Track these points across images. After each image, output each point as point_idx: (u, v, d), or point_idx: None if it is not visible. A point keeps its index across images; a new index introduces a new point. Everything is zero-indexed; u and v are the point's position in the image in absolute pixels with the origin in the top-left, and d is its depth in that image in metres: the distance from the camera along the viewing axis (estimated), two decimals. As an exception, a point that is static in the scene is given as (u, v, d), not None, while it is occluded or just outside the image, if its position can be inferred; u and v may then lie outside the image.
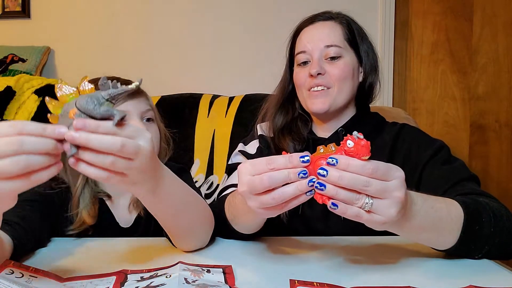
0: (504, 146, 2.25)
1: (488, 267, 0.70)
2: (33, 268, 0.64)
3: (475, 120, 2.28)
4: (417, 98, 2.32)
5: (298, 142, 1.01)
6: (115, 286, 0.60)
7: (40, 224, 0.82)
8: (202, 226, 0.79)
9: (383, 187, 0.56)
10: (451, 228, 0.68)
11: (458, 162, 0.92)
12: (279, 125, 1.04)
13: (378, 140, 0.99)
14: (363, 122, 1.02)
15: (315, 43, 0.98)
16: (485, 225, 0.70)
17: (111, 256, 0.78)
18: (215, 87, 2.07)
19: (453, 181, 0.85)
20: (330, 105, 0.97)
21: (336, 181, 0.55)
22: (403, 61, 2.31)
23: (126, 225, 0.97)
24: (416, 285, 0.60)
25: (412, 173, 0.92)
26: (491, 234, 0.70)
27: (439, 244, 0.71)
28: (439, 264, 0.71)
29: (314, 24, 1.01)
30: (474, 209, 0.71)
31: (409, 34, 2.30)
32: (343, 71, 0.97)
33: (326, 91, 0.97)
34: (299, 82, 1.01)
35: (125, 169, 0.53)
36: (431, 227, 0.66)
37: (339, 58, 0.97)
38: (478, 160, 2.26)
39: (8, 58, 2.21)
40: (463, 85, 2.28)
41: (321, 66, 0.96)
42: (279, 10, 2.22)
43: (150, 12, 2.34)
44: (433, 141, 0.97)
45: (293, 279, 0.62)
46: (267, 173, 0.56)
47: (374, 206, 0.56)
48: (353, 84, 1.00)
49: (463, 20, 2.26)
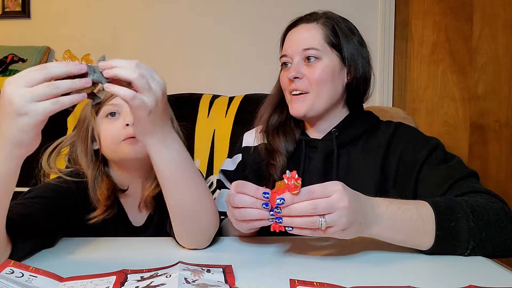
0: (504, 146, 2.25)
1: (488, 267, 0.70)
2: (33, 267, 0.64)
3: (475, 120, 2.28)
4: (417, 98, 2.32)
5: (290, 143, 1.02)
6: (115, 286, 0.60)
7: (46, 223, 0.81)
8: (205, 210, 0.79)
9: (328, 203, 0.64)
10: (425, 228, 0.72)
11: (454, 160, 0.91)
12: (273, 124, 1.05)
13: (372, 141, 0.99)
14: (356, 122, 1.02)
15: (294, 47, 0.97)
16: (461, 220, 0.72)
17: (111, 256, 0.78)
18: (215, 87, 2.07)
19: (451, 181, 0.85)
20: (307, 111, 0.96)
21: (289, 213, 0.65)
22: (403, 61, 2.31)
23: (138, 224, 0.97)
24: (416, 285, 0.60)
25: (409, 174, 0.92)
26: (472, 228, 0.72)
27: (419, 245, 0.74)
28: (439, 264, 0.71)
29: (297, 27, 1.00)
30: (446, 206, 0.74)
31: (409, 34, 2.30)
32: (321, 74, 0.95)
33: (304, 96, 0.96)
34: (282, 85, 1.02)
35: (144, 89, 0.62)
36: (402, 227, 0.71)
37: (317, 60, 0.95)
38: (477, 160, 2.26)
39: (8, 58, 2.21)
40: (463, 85, 2.28)
41: (298, 70, 0.96)
42: (279, 10, 2.22)
43: (150, 12, 2.34)
44: (428, 140, 0.96)
45: (293, 279, 0.62)
46: (239, 195, 0.69)
47: (328, 221, 0.64)
48: (334, 86, 0.97)
49: (463, 20, 2.26)
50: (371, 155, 0.97)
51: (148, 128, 0.68)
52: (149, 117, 0.65)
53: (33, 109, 0.56)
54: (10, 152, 0.59)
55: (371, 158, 0.96)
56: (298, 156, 1.01)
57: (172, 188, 0.75)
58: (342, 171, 0.97)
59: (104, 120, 0.91)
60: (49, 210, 0.83)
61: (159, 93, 0.65)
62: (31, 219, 0.77)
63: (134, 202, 0.98)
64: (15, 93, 0.55)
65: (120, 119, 0.90)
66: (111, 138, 0.90)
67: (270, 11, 2.24)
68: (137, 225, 0.98)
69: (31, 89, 0.56)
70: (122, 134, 0.88)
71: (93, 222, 0.91)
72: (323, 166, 0.97)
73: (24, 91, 0.55)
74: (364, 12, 2.24)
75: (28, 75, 0.57)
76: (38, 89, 0.56)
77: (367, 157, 0.97)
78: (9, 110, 0.56)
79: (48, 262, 0.72)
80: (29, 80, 0.56)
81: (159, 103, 0.65)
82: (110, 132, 0.90)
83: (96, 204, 0.92)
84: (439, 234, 0.72)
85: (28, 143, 0.59)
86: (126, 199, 0.97)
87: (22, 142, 0.59)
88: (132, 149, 0.88)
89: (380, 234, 0.72)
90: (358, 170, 0.96)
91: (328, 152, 0.98)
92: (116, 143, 0.89)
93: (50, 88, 0.56)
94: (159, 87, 0.65)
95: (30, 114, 0.56)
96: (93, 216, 0.91)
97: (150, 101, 0.63)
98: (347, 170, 0.97)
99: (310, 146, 1.01)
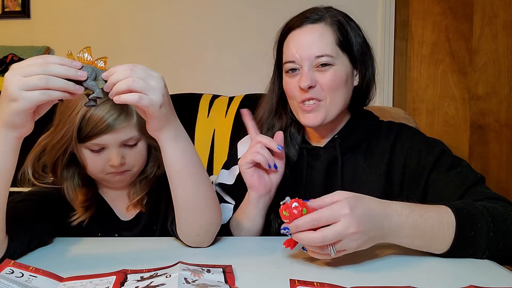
0: (504, 146, 2.25)
1: (488, 267, 0.70)
2: (33, 267, 0.64)
3: (475, 120, 2.28)
4: (417, 98, 2.32)
5: (292, 153, 0.97)
6: (115, 286, 0.60)
7: (36, 222, 0.81)
8: (209, 206, 0.79)
9: (335, 233, 0.64)
10: (444, 235, 0.71)
11: (462, 164, 0.89)
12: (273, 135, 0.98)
13: (375, 146, 0.95)
14: (359, 126, 0.97)
15: (304, 52, 0.89)
16: (481, 231, 0.71)
17: (111, 256, 0.78)
18: (215, 87, 2.07)
19: (464, 188, 0.83)
20: (323, 119, 0.90)
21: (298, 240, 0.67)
22: (403, 61, 2.31)
23: (126, 218, 0.97)
24: (416, 285, 0.60)
25: (416, 181, 0.89)
26: (491, 239, 0.71)
27: (433, 250, 0.73)
28: (439, 264, 0.71)
29: (303, 28, 0.91)
30: (468, 213, 0.72)
31: (409, 34, 2.30)
32: (335, 81, 0.89)
33: (318, 104, 0.90)
34: (290, 93, 0.93)
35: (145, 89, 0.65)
36: (422, 236, 0.70)
37: (330, 66, 0.89)
38: (478, 160, 2.26)
39: (8, 58, 2.21)
40: (463, 85, 2.28)
41: (311, 78, 0.88)
42: (279, 10, 2.21)
43: (150, 12, 2.34)
44: (433, 144, 0.92)
45: (293, 279, 0.62)
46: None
47: (337, 248, 0.65)
48: (346, 91, 0.92)
49: (463, 20, 2.26)
50: (375, 162, 0.93)
51: (162, 122, 0.70)
52: (160, 111, 0.67)
53: (22, 97, 0.61)
54: (5, 132, 0.64)
55: (375, 166, 0.93)
56: (299, 165, 0.97)
57: (182, 181, 0.76)
58: (347, 180, 0.93)
59: (86, 150, 0.87)
60: (37, 209, 0.84)
61: (161, 86, 0.67)
62: (21, 219, 0.77)
63: (120, 203, 0.97)
64: (11, 79, 0.61)
65: (104, 153, 0.86)
66: (94, 168, 0.88)
67: (271, 12, 2.24)
68: (125, 219, 0.97)
69: (25, 79, 0.61)
70: (107, 170, 0.87)
71: (75, 224, 0.90)
72: (326, 175, 0.94)
73: (18, 79, 0.61)
74: (364, 12, 2.24)
75: (29, 68, 0.62)
76: (30, 80, 0.61)
77: (371, 164, 0.93)
78: (5, 95, 0.62)
79: (48, 262, 0.72)
80: (28, 72, 0.61)
81: (165, 95, 0.68)
82: (93, 164, 0.87)
83: (74, 207, 0.91)
84: (455, 243, 0.70)
85: (20, 125, 0.64)
86: (111, 199, 0.97)
87: (14, 124, 0.64)
88: (117, 180, 0.90)
89: (398, 241, 0.71)
90: (362, 179, 0.93)
91: (331, 160, 0.94)
92: (101, 173, 0.89)
93: (41, 81, 0.61)
94: (159, 81, 0.67)
95: (19, 101, 0.61)
96: (74, 219, 0.91)
97: (156, 96, 0.66)
98: (352, 179, 0.93)
99: (312, 155, 0.97)
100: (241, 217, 0.93)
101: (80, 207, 0.91)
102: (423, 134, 0.97)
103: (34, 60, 0.63)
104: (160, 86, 0.67)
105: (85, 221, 0.91)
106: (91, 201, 0.93)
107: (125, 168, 0.88)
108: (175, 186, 0.77)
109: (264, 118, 1.00)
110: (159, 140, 0.73)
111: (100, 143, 0.84)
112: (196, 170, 0.77)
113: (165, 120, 0.70)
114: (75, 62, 0.64)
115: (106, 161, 0.86)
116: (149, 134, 0.74)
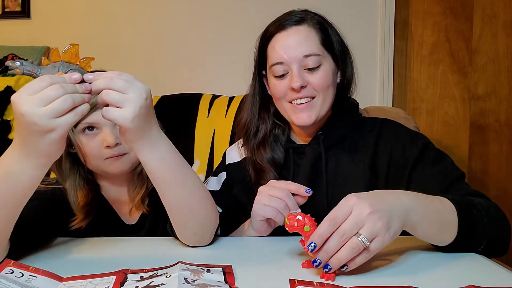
0: (504, 146, 2.25)
1: (488, 267, 0.70)
2: (33, 267, 0.64)
3: (475, 120, 2.28)
4: (417, 98, 2.32)
5: (278, 154, 0.99)
6: (115, 286, 0.60)
7: (35, 221, 0.81)
8: (203, 207, 0.79)
9: (353, 222, 0.62)
10: (451, 221, 0.71)
11: (445, 159, 0.91)
12: (259, 139, 1.00)
13: (359, 141, 0.97)
14: (341, 121, 0.99)
15: (292, 53, 0.90)
16: (477, 216, 0.73)
17: (111, 256, 0.78)
18: (215, 87, 2.07)
19: (446, 183, 0.86)
20: (316, 117, 0.93)
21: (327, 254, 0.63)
22: (403, 61, 2.31)
23: (131, 222, 0.98)
24: (416, 285, 0.60)
25: (401, 173, 0.91)
26: (486, 225, 0.73)
27: (442, 239, 0.73)
28: (439, 263, 0.71)
29: (288, 31, 0.93)
30: (462, 202, 0.74)
31: (409, 34, 2.30)
32: (326, 80, 0.91)
33: (311, 103, 0.92)
34: (279, 95, 0.94)
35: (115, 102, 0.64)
36: (434, 218, 0.70)
37: (319, 66, 0.91)
38: (477, 160, 2.26)
39: (8, 58, 2.21)
40: (463, 85, 2.28)
41: (302, 78, 0.90)
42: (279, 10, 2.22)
43: (150, 12, 2.34)
44: (416, 138, 0.95)
45: (293, 279, 0.62)
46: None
47: (366, 235, 0.61)
48: (333, 88, 0.95)
49: (463, 20, 2.26)
50: (359, 156, 0.95)
51: (134, 135, 0.68)
52: (132, 123, 0.64)
53: (57, 124, 0.59)
54: (38, 162, 0.63)
55: (359, 159, 0.95)
56: (286, 164, 0.99)
57: (167, 188, 0.75)
58: (331, 175, 0.95)
59: (81, 135, 0.90)
60: (38, 210, 0.84)
61: (140, 99, 0.64)
62: (21, 219, 0.77)
63: (123, 205, 0.98)
64: (35, 114, 0.58)
65: (99, 135, 0.89)
66: (92, 155, 0.90)
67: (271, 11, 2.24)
68: (130, 223, 0.97)
69: (49, 107, 0.59)
70: (104, 154, 0.89)
71: (74, 228, 0.90)
72: (312, 171, 0.96)
73: (43, 111, 0.58)
74: (364, 12, 2.24)
75: (44, 94, 0.59)
76: (56, 106, 0.59)
77: (355, 158, 0.95)
78: (35, 129, 0.59)
79: (48, 262, 0.72)
80: (45, 98, 0.59)
81: (143, 108, 0.65)
82: (90, 149, 0.89)
83: (74, 211, 0.92)
84: (461, 229, 0.71)
85: (56, 152, 0.64)
86: (114, 201, 0.97)
87: (50, 153, 0.63)
88: (116, 167, 0.90)
89: (421, 223, 0.68)
90: (347, 173, 0.95)
91: (315, 156, 0.96)
92: (99, 160, 0.90)
93: (67, 102, 0.60)
94: (139, 93, 0.64)
95: (57, 129, 0.60)
96: (73, 224, 0.91)
97: (129, 109, 0.63)
98: (336, 174, 0.95)
99: (298, 153, 0.99)
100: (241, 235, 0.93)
101: (80, 212, 0.91)
102: (406, 128, 1.00)
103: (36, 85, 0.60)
104: (138, 98, 0.64)
105: (89, 225, 0.91)
106: (91, 206, 0.93)
107: (121, 150, 0.89)
108: (161, 193, 0.76)
109: (248, 121, 1.02)
110: (133, 149, 0.71)
111: (90, 121, 0.87)
112: (181, 175, 0.75)
113: (139, 132, 0.67)
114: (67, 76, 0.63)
115: (101, 143, 0.88)
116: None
